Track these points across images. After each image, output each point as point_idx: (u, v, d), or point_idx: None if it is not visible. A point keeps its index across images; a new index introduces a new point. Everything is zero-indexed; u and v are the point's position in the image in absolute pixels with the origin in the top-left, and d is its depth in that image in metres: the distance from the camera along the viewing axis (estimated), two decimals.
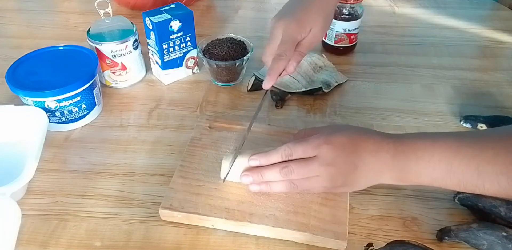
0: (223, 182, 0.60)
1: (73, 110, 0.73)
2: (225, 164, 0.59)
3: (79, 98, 0.72)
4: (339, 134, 0.55)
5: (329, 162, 0.53)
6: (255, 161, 0.57)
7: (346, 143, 0.54)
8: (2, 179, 0.57)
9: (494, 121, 0.72)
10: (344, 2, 0.84)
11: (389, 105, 0.79)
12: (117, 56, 0.79)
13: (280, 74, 0.64)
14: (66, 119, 0.73)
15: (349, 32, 0.88)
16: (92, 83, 0.73)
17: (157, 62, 0.83)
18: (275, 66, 0.63)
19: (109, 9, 0.79)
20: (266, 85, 0.64)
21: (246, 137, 0.62)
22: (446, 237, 0.56)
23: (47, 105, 0.70)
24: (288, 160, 0.55)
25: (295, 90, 0.79)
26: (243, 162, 0.58)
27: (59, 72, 0.73)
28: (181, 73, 0.85)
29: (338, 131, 0.56)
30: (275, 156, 0.56)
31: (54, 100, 0.70)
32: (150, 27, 0.77)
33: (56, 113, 0.72)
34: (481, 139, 0.50)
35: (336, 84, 0.82)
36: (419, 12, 1.07)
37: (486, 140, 0.50)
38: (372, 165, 0.53)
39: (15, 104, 0.70)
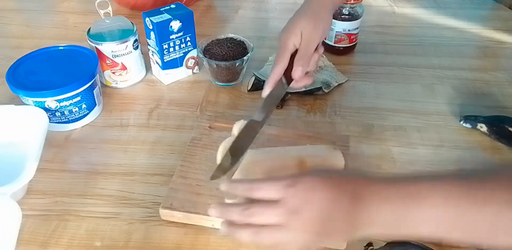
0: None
1: (73, 110, 0.73)
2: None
3: (79, 98, 0.72)
4: (311, 174, 0.45)
5: (297, 208, 0.42)
6: (222, 186, 0.48)
7: (319, 184, 0.43)
8: (2, 179, 0.56)
9: (494, 121, 0.72)
10: (344, 2, 0.84)
11: (389, 105, 0.79)
12: (117, 56, 0.79)
13: (288, 81, 0.65)
14: (67, 119, 0.73)
15: (349, 32, 0.88)
16: (92, 83, 0.73)
17: (157, 62, 0.83)
18: (271, 72, 0.64)
19: (109, 9, 0.79)
20: (264, 92, 0.63)
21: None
22: None
23: (48, 105, 0.70)
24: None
25: (295, 90, 0.79)
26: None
27: (59, 72, 0.73)
28: (181, 73, 0.85)
29: (313, 172, 0.47)
30: (239, 188, 0.47)
31: (55, 100, 0.70)
32: (150, 27, 0.77)
33: (56, 113, 0.72)
34: (489, 178, 0.42)
35: (336, 84, 0.82)
36: (419, 12, 1.07)
37: (495, 179, 0.42)
38: (353, 212, 0.42)
39: (15, 104, 0.70)
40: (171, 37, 0.78)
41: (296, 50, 0.65)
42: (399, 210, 0.42)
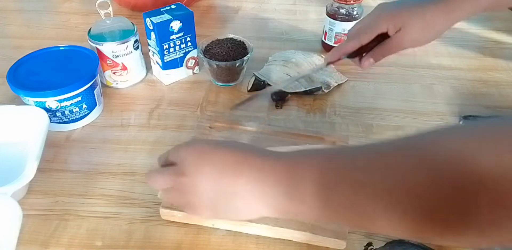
0: None
1: (74, 110, 0.73)
2: None
3: (80, 98, 0.72)
4: (202, 143, 0.46)
5: (183, 171, 0.43)
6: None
7: (208, 152, 0.43)
8: (3, 178, 0.57)
9: None
10: (343, 2, 0.85)
11: (389, 105, 0.79)
12: (118, 56, 0.79)
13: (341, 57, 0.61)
14: (67, 120, 0.74)
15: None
16: (93, 83, 0.74)
17: (157, 63, 0.83)
18: (345, 44, 0.61)
19: (110, 9, 0.79)
20: (330, 58, 0.60)
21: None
22: None
23: (48, 106, 0.71)
24: None
25: (295, 90, 0.79)
26: None
27: (60, 72, 0.73)
28: (181, 74, 0.86)
29: (202, 143, 0.47)
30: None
31: (55, 100, 0.70)
32: (151, 28, 0.77)
33: (57, 113, 0.72)
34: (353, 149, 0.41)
35: (336, 84, 0.82)
36: None
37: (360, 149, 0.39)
38: (230, 178, 0.41)
39: (16, 105, 0.70)
40: (171, 37, 0.78)
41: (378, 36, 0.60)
42: (278, 189, 0.39)
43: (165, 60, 0.81)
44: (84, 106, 0.74)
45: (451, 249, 0.56)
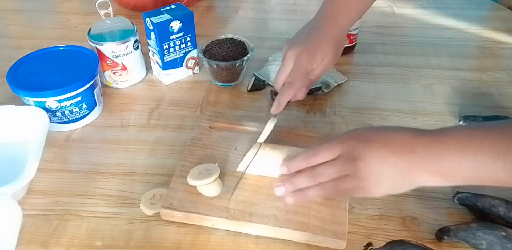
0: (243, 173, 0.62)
1: (74, 110, 0.73)
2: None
3: (79, 98, 0.72)
4: (362, 129, 0.53)
5: (354, 156, 0.48)
6: (283, 168, 0.55)
7: (372, 135, 0.49)
8: (3, 178, 0.57)
9: None
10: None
11: (389, 105, 0.79)
12: (118, 56, 0.79)
13: (289, 101, 0.68)
14: (67, 120, 0.74)
15: (348, 32, 0.88)
16: (92, 83, 0.74)
17: (157, 63, 0.83)
18: (285, 93, 0.67)
19: (110, 9, 0.79)
20: (275, 110, 0.68)
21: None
22: (445, 237, 0.56)
23: (48, 106, 0.71)
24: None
25: None
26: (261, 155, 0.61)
27: (60, 72, 0.73)
28: (181, 74, 0.86)
29: (362, 128, 0.53)
30: (300, 159, 0.54)
31: (55, 100, 0.70)
32: (151, 28, 0.77)
33: (57, 113, 0.72)
34: None
35: (336, 84, 0.82)
36: (418, 12, 1.08)
37: None
38: (402, 154, 0.46)
39: (16, 105, 0.70)
40: (171, 37, 0.78)
41: None
42: (443, 153, 0.45)
43: (165, 60, 0.81)
44: (84, 106, 0.74)
45: (450, 248, 0.56)
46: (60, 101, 0.71)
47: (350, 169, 0.49)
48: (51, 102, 0.70)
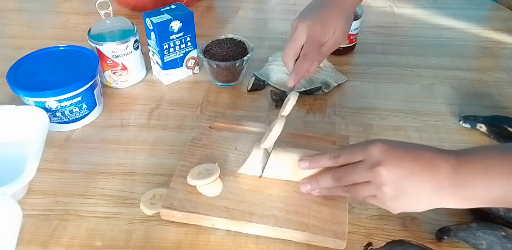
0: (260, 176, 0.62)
1: (74, 110, 0.73)
2: (253, 158, 0.61)
3: (79, 98, 0.72)
4: (388, 140, 0.50)
5: (377, 163, 0.47)
6: (305, 163, 0.57)
7: (398, 146, 0.48)
8: (3, 178, 0.57)
9: (494, 122, 0.72)
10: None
11: (389, 105, 0.79)
12: (118, 56, 0.79)
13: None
14: (67, 120, 0.74)
15: (349, 32, 0.88)
16: (92, 83, 0.74)
17: (157, 63, 0.83)
18: (301, 65, 0.65)
19: (110, 9, 0.79)
20: (292, 82, 0.66)
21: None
22: (446, 237, 0.56)
23: (48, 106, 0.71)
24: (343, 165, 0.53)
25: (296, 91, 0.79)
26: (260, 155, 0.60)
27: (60, 72, 0.73)
28: (181, 74, 0.86)
29: (388, 140, 0.50)
30: (323, 158, 0.54)
31: (55, 100, 0.70)
32: (151, 28, 0.77)
33: (57, 113, 0.72)
34: None
35: (336, 84, 0.82)
36: (418, 12, 1.08)
37: None
38: (429, 174, 0.45)
39: (16, 105, 0.70)
40: (171, 37, 0.78)
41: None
42: (469, 175, 0.44)
43: (165, 60, 0.81)
44: (84, 106, 0.74)
45: (450, 248, 0.56)
46: (60, 101, 0.71)
47: (371, 177, 0.48)
48: (51, 102, 0.70)
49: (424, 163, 0.45)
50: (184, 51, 0.82)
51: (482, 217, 0.58)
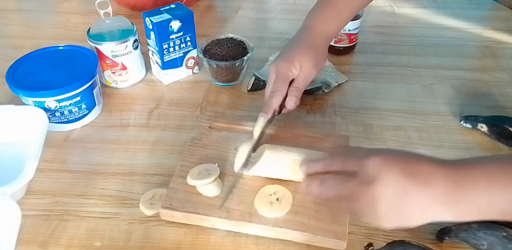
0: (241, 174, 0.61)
1: (73, 110, 0.73)
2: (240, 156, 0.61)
3: (79, 98, 0.72)
4: (386, 150, 0.48)
5: (371, 180, 0.44)
6: (304, 167, 0.54)
7: (395, 160, 0.45)
8: (2, 179, 0.57)
9: (494, 121, 0.72)
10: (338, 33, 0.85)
11: (389, 105, 0.79)
12: (117, 56, 0.79)
13: (279, 110, 0.68)
14: (66, 120, 0.74)
15: (349, 32, 0.88)
16: (92, 83, 0.73)
17: (157, 62, 0.83)
18: (270, 101, 0.67)
19: (109, 9, 0.79)
20: (266, 110, 0.67)
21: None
22: (446, 237, 0.56)
23: (47, 105, 0.70)
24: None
25: None
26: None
27: (59, 72, 0.73)
28: (181, 73, 0.85)
29: (384, 149, 0.48)
30: (318, 164, 0.52)
31: (54, 100, 0.70)
32: (150, 27, 0.77)
33: (56, 113, 0.72)
34: None
35: (336, 84, 0.82)
36: (419, 12, 1.07)
37: None
38: (424, 191, 0.43)
39: (15, 105, 0.70)
40: (171, 37, 0.78)
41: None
42: (466, 190, 0.42)
43: (165, 60, 0.81)
44: (83, 106, 0.74)
45: (450, 249, 0.56)
46: (59, 101, 0.70)
47: (360, 193, 0.45)
48: (50, 102, 0.70)
49: (420, 180, 0.43)
50: (183, 51, 0.82)
51: None
